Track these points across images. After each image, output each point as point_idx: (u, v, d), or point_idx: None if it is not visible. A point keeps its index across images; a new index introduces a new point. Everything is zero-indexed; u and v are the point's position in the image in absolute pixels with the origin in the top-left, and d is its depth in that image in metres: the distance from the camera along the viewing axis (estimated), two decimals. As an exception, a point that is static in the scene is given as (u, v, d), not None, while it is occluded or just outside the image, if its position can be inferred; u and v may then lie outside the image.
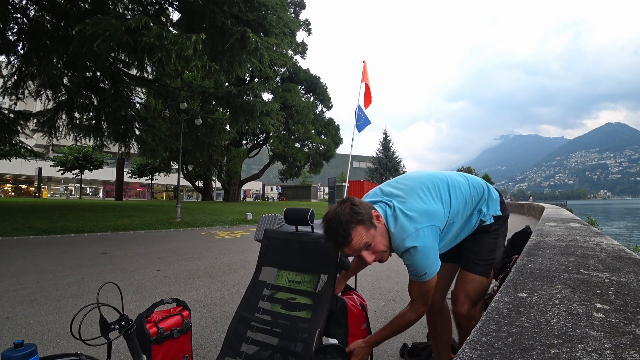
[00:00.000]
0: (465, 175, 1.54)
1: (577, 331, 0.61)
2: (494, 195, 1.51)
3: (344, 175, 43.98)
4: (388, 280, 3.96)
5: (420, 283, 1.30)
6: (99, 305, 0.95)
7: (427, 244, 1.24)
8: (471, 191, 1.45)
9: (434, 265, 1.27)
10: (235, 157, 22.56)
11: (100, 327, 0.98)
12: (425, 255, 1.24)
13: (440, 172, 1.53)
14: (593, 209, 67.04)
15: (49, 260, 4.96)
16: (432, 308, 1.64)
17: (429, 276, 1.27)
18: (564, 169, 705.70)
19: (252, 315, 1.55)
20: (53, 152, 24.54)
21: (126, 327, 1.03)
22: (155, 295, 3.27)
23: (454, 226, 1.41)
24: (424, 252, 1.24)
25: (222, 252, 5.89)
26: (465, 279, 1.51)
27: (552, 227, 2.50)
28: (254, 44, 7.67)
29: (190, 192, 49.15)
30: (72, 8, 8.12)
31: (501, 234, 1.53)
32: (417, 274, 1.28)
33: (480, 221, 1.47)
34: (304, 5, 24.69)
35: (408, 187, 1.39)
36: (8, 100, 10.64)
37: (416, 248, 1.23)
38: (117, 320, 1.02)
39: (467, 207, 1.44)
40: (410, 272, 1.31)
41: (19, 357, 0.80)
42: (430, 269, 1.26)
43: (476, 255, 1.49)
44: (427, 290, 1.32)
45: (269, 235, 1.73)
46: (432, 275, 1.27)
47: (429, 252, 1.25)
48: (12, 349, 0.81)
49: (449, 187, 1.40)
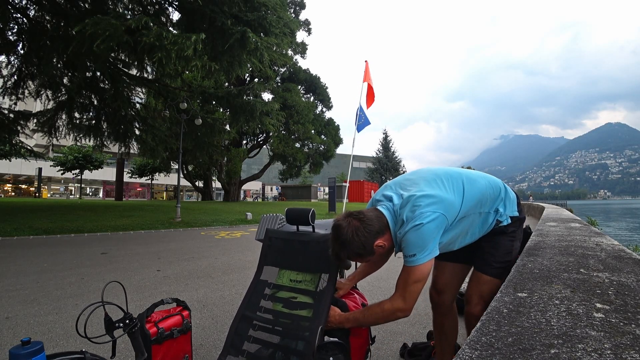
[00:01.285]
0: (483, 174, 1.52)
1: (577, 331, 0.61)
2: (511, 195, 1.49)
3: (344, 175, 43.98)
4: (388, 281, 3.96)
5: (407, 270, 1.25)
6: (103, 304, 0.95)
7: (428, 227, 1.21)
8: (487, 189, 1.42)
9: (426, 251, 1.22)
10: (235, 157, 22.56)
11: (105, 325, 0.98)
12: (420, 235, 1.21)
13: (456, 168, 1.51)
14: (593, 209, 67.05)
15: (49, 260, 4.96)
16: (441, 309, 1.63)
17: (417, 261, 1.22)
18: (564, 169, 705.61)
19: (253, 314, 1.56)
20: (53, 152, 24.55)
21: (130, 325, 1.03)
22: (155, 295, 3.27)
23: (464, 221, 1.37)
24: (421, 231, 1.21)
25: (222, 252, 5.89)
26: (480, 280, 1.49)
27: (552, 227, 2.50)
28: (254, 44, 7.67)
29: (190, 192, 49.16)
30: (72, 8, 8.12)
31: (517, 237, 1.50)
32: (406, 254, 1.25)
33: (496, 221, 1.44)
34: (304, 5, 24.69)
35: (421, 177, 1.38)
36: (8, 100, 10.64)
37: (415, 225, 1.21)
38: (121, 319, 1.02)
39: (483, 205, 1.40)
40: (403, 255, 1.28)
41: (25, 354, 0.80)
42: (421, 253, 1.22)
43: (492, 257, 1.47)
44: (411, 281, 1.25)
45: (270, 235, 1.74)
46: (421, 261, 1.22)
47: (425, 234, 1.21)
48: (19, 347, 0.82)
49: (463, 181, 1.38)
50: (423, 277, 1.25)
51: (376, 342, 2.06)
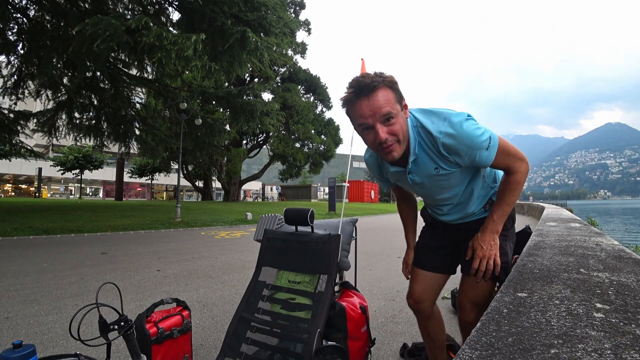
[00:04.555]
0: None
1: (577, 331, 0.61)
2: None
3: (344, 175, 44.00)
4: (388, 280, 3.96)
5: (499, 153, 1.16)
6: (98, 306, 0.95)
7: (460, 113, 1.15)
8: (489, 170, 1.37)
9: (486, 129, 1.14)
10: (235, 157, 22.57)
11: (100, 327, 0.98)
12: (474, 124, 1.13)
13: None
14: (593, 209, 67.04)
15: (49, 260, 4.96)
16: (422, 314, 1.55)
17: (493, 137, 1.14)
18: (564, 169, 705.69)
19: (251, 315, 1.55)
20: (53, 152, 24.56)
21: (125, 328, 1.03)
22: (155, 295, 3.27)
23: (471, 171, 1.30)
24: (471, 121, 1.13)
25: (222, 252, 5.88)
26: (469, 285, 1.38)
27: (552, 227, 2.50)
28: (254, 44, 7.68)
29: (190, 192, 49.17)
30: (72, 8, 8.12)
31: (510, 237, 1.42)
32: (478, 146, 1.13)
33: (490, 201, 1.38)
34: (304, 5, 24.69)
35: None
36: (8, 100, 10.65)
37: (461, 119, 1.12)
38: (116, 321, 1.02)
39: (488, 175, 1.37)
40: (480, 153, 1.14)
41: (17, 357, 0.79)
42: (488, 131, 1.14)
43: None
44: (510, 154, 1.18)
45: (268, 236, 1.73)
46: (494, 134, 1.15)
47: (471, 119, 1.14)
48: (10, 350, 0.81)
49: None
50: (504, 140, 1.18)
51: (376, 342, 2.06)
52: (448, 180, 1.26)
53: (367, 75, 1.09)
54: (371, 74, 1.10)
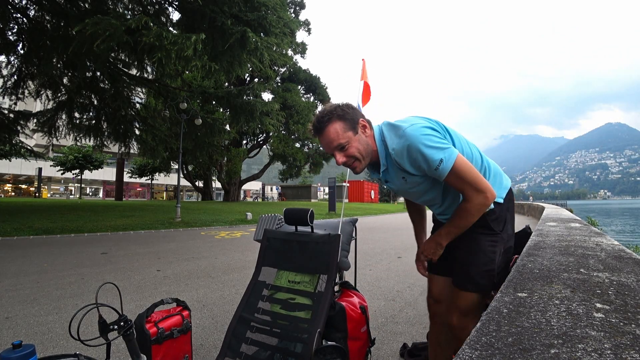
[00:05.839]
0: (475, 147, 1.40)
1: (577, 331, 0.61)
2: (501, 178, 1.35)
3: (344, 175, 43.95)
4: (388, 280, 3.96)
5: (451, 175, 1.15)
6: (97, 306, 0.95)
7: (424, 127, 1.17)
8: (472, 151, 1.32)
9: (444, 148, 1.14)
10: (235, 157, 22.57)
11: (99, 327, 0.98)
12: (428, 142, 1.13)
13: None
14: (593, 209, 67.01)
15: (49, 260, 4.96)
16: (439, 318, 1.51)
17: (448, 160, 1.13)
18: (564, 169, 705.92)
19: (251, 315, 1.55)
20: (53, 152, 24.56)
21: (125, 328, 1.03)
22: (155, 295, 3.27)
23: None
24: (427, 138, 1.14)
25: (222, 252, 5.88)
26: (457, 295, 1.34)
27: (552, 227, 2.50)
28: (254, 44, 7.67)
29: (190, 192, 49.17)
30: (72, 8, 8.11)
31: (500, 240, 1.31)
32: (432, 166, 1.14)
33: None
34: (304, 5, 24.70)
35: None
36: (8, 100, 10.65)
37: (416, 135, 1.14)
38: (116, 321, 1.02)
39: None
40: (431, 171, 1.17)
41: (17, 357, 0.79)
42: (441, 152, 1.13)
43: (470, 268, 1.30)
44: (466, 177, 1.15)
45: (268, 236, 1.73)
46: (451, 159, 1.14)
47: (430, 135, 1.15)
48: (10, 350, 0.81)
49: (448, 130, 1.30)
50: (467, 165, 1.17)
51: (376, 343, 2.06)
52: (420, 187, 1.31)
53: (320, 113, 1.27)
54: (325, 110, 1.26)
